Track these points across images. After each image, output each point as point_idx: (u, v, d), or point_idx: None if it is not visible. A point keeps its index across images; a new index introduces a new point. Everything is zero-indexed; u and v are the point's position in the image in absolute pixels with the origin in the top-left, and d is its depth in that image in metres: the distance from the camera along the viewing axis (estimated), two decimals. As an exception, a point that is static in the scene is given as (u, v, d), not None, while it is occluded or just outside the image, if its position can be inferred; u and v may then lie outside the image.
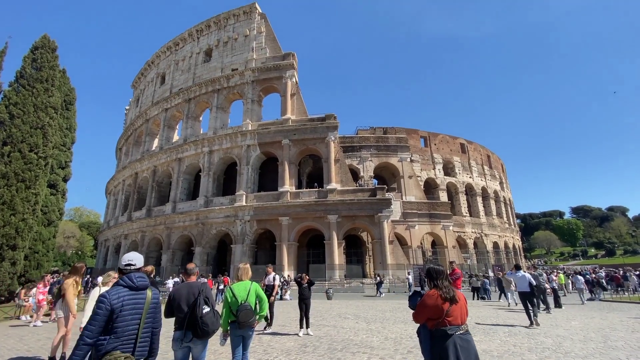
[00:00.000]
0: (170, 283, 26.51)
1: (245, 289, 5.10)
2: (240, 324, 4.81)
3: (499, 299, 19.55)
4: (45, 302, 12.93)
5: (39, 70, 19.99)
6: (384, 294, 23.25)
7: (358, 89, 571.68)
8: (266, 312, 5.53)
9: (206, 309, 4.29)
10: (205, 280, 19.84)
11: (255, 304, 5.14)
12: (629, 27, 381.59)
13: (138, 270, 3.35)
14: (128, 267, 3.32)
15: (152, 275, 8.60)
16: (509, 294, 16.95)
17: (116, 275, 5.17)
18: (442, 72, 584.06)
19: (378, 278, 24.23)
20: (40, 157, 18.39)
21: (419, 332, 3.72)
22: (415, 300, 3.80)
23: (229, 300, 4.98)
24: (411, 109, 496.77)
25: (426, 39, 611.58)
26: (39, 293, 12.84)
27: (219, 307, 5.23)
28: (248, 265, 5.59)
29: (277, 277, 11.60)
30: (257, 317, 5.15)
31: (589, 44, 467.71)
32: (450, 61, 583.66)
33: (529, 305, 10.79)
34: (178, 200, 36.54)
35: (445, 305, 3.42)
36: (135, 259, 3.40)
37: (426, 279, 3.78)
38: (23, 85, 19.21)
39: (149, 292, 3.23)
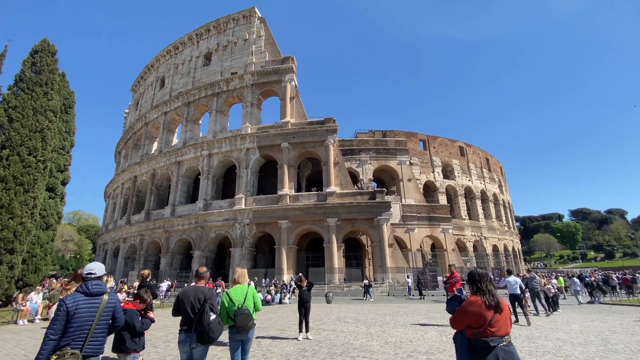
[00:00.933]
0: (164, 287, 26.57)
1: (243, 292, 5.07)
2: (238, 329, 4.80)
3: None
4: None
5: (39, 74, 20.04)
6: (372, 299, 23.26)
7: (357, 92, 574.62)
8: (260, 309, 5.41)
9: (212, 317, 4.47)
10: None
11: (253, 307, 5.14)
12: (629, 27, 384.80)
13: (98, 278, 3.77)
14: (89, 276, 3.72)
15: (148, 279, 8.58)
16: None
17: (111, 278, 5.82)
18: (441, 75, 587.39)
19: (366, 281, 24.44)
20: (39, 160, 18.38)
21: (455, 338, 3.45)
22: (454, 305, 3.53)
23: (226, 304, 4.96)
24: (410, 113, 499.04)
25: (425, 42, 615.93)
26: None
27: None
28: (245, 269, 5.61)
29: (252, 283, 9.72)
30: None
31: (588, 47, 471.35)
32: (449, 64, 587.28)
33: (518, 306, 12.33)
34: (177, 203, 36.47)
35: (488, 314, 3.10)
36: (95, 268, 3.81)
37: (468, 283, 3.47)
38: (22, 89, 19.24)
39: (105, 297, 3.64)
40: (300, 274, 19.63)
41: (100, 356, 3.59)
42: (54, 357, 3.25)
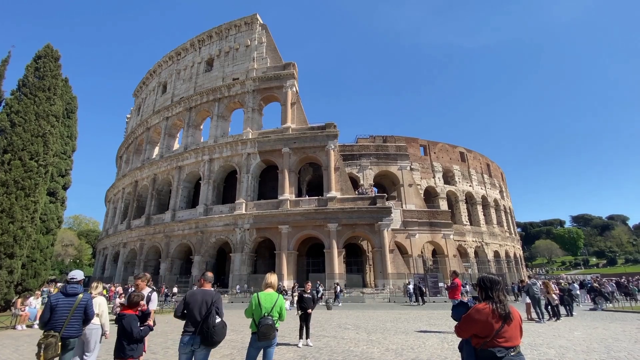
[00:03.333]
0: (145, 292, 26.49)
1: (272, 300, 5.07)
2: (260, 337, 4.82)
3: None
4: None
5: (42, 79, 20.16)
6: (340, 304, 23.35)
7: (358, 97, 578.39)
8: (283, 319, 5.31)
9: (218, 320, 4.56)
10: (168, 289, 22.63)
11: (277, 318, 5.14)
12: (629, 28, 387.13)
13: (78, 282, 5.27)
14: (72, 279, 5.21)
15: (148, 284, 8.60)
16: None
17: (99, 285, 6.57)
18: (442, 80, 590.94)
19: (338, 287, 24.42)
20: (40, 165, 18.41)
21: (461, 347, 3.29)
22: (459, 312, 3.36)
23: (253, 307, 4.99)
24: (411, 118, 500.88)
25: (425, 49, 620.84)
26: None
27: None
28: (276, 276, 5.62)
29: (155, 295, 6.78)
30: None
31: (587, 50, 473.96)
32: (449, 70, 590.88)
33: None
34: (177, 208, 36.44)
35: (496, 324, 2.94)
36: (76, 274, 5.33)
37: (477, 289, 3.30)
38: (25, 94, 19.35)
39: (80, 296, 5.08)
40: (306, 283, 19.59)
41: (78, 339, 5.12)
42: (42, 336, 4.74)
